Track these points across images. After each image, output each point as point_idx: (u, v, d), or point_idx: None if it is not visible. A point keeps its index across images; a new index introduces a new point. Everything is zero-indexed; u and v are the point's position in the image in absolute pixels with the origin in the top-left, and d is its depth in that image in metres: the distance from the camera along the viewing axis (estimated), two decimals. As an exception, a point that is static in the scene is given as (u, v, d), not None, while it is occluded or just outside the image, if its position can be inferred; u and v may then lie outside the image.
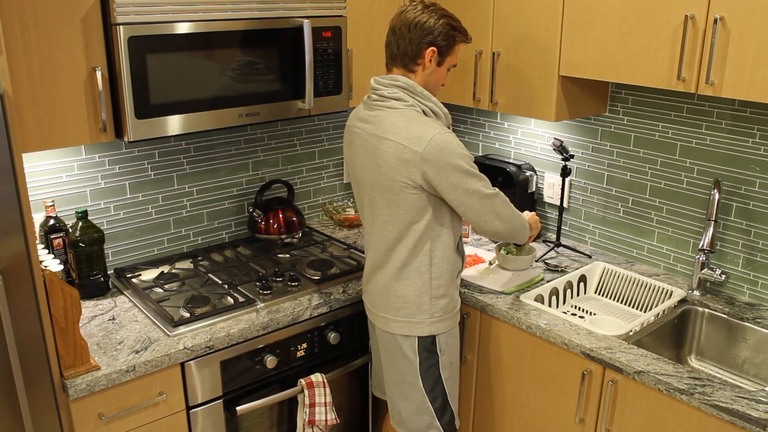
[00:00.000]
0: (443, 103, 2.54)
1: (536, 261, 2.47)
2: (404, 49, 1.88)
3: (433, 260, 1.93)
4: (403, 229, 1.90)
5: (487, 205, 1.89)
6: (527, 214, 2.20)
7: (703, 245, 2.17)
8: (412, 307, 1.95)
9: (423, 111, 1.89)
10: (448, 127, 1.91)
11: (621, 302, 2.39)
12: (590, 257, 2.51)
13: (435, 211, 1.89)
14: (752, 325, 2.08)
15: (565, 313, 2.31)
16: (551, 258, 2.50)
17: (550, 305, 2.29)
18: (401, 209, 1.88)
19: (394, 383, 2.05)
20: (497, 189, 1.93)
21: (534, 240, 2.54)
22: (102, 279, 2.17)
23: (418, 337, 1.97)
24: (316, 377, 2.16)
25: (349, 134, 2.01)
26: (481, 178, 1.88)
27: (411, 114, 1.86)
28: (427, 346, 1.98)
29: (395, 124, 1.85)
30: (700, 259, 2.20)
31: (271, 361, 2.09)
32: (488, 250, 2.57)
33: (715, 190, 2.13)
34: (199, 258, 2.45)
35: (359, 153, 1.96)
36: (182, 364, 1.92)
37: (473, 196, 1.86)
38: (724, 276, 2.17)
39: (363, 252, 2.50)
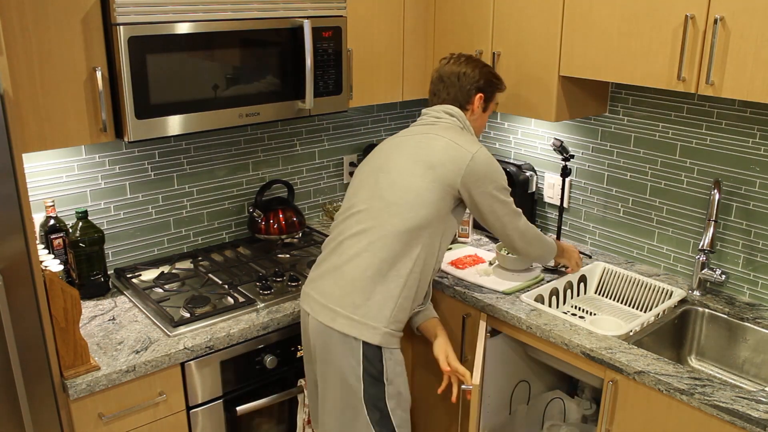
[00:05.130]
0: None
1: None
2: (455, 95, 2.06)
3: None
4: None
5: (513, 221, 2.04)
6: (560, 245, 2.28)
7: (703, 245, 2.17)
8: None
9: (469, 133, 2.04)
10: None
11: (621, 302, 2.39)
12: (590, 257, 2.51)
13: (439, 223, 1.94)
14: (752, 326, 2.08)
15: (565, 313, 2.31)
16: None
17: (550, 305, 2.29)
18: (418, 200, 1.91)
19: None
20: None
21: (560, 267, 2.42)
22: (102, 279, 2.17)
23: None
24: (316, 377, 2.16)
25: (383, 143, 2.07)
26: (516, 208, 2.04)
27: (459, 128, 2.02)
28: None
29: (447, 132, 1.97)
30: (701, 259, 2.20)
31: (271, 361, 2.09)
32: (488, 250, 2.57)
33: (715, 190, 2.13)
34: (199, 258, 2.45)
35: (393, 147, 2.01)
36: (182, 364, 1.92)
37: (505, 207, 2.00)
38: (724, 276, 2.17)
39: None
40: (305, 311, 1.96)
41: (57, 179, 2.19)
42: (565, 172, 2.49)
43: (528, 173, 2.65)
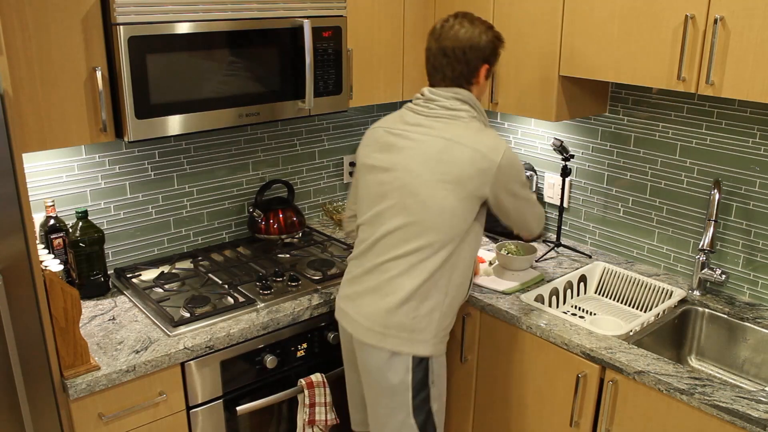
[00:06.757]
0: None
1: (536, 261, 2.47)
2: (461, 72, 1.87)
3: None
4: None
5: (533, 210, 1.97)
6: None
7: (703, 245, 2.17)
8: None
9: (483, 124, 1.90)
10: None
11: (621, 302, 2.39)
12: (590, 257, 2.51)
13: (474, 227, 1.89)
14: (752, 325, 2.08)
15: (565, 313, 2.31)
16: (551, 258, 2.50)
17: (550, 305, 2.30)
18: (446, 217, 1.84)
19: None
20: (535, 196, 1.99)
21: (534, 240, 2.58)
22: (102, 279, 2.17)
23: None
24: (316, 377, 2.16)
25: (390, 137, 1.91)
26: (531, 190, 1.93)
27: (477, 125, 1.87)
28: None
29: (468, 133, 1.83)
30: (700, 259, 2.20)
31: (271, 361, 2.09)
32: (488, 250, 2.57)
33: (715, 190, 2.13)
34: (199, 258, 2.45)
35: (411, 155, 1.85)
36: (182, 364, 1.92)
37: (528, 203, 1.93)
38: (724, 276, 2.17)
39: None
40: (346, 330, 1.99)
41: (57, 179, 2.19)
42: (565, 172, 2.49)
43: (528, 173, 2.65)
